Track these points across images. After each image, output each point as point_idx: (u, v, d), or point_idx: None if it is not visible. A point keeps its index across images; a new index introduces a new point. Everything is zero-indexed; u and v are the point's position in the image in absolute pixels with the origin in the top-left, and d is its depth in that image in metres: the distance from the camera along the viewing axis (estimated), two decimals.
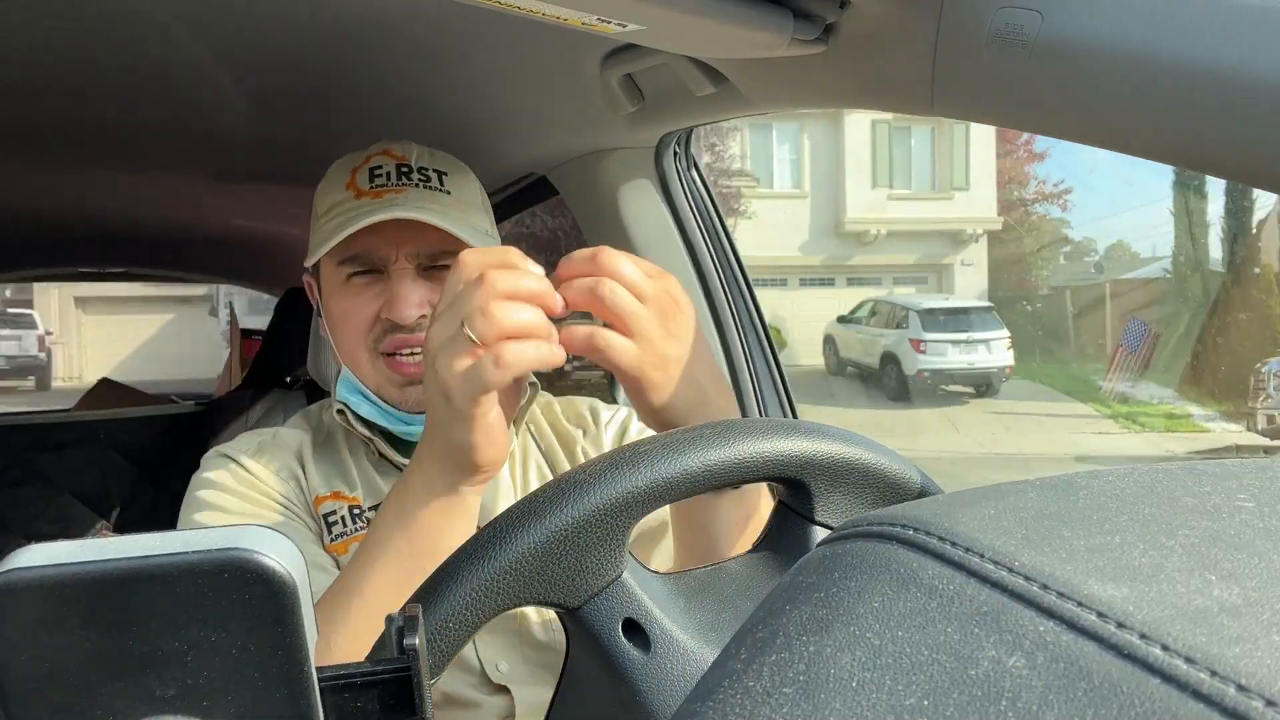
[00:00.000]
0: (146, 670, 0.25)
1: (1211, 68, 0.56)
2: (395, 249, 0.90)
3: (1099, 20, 0.61)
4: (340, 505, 0.91)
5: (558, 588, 0.47)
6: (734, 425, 0.51)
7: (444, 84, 1.28)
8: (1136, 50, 0.59)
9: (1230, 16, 0.56)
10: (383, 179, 0.93)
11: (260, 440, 0.96)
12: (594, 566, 0.47)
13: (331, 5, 1.01)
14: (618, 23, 0.75)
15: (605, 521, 0.47)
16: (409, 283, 0.90)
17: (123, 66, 1.17)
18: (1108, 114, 0.63)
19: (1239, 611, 0.19)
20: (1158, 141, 0.62)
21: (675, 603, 0.50)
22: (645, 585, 0.49)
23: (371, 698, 0.34)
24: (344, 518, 0.91)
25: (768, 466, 0.51)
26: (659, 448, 0.49)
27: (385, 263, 0.91)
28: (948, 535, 0.25)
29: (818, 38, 0.79)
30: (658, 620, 0.48)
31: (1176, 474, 0.27)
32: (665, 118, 1.18)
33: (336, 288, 0.93)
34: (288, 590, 0.26)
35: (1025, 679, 0.19)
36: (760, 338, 1.41)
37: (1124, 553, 0.22)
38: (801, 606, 0.26)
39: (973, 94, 0.71)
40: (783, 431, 0.52)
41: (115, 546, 0.25)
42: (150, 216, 2.21)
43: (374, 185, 0.92)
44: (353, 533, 0.90)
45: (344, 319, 0.92)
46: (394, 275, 0.91)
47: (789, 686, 0.23)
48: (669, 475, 0.48)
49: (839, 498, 0.53)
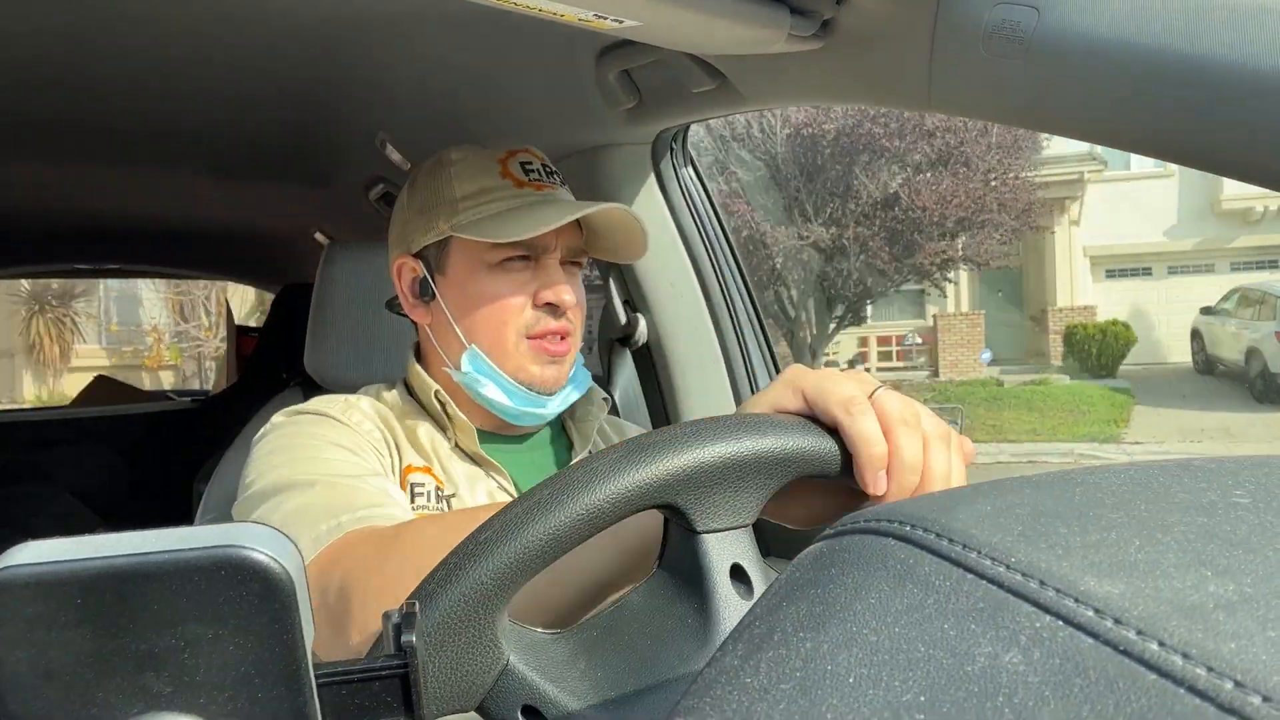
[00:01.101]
0: (143, 667, 0.25)
1: (1207, 65, 0.56)
2: (556, 239, 0.95)
3: (1095, 17, 0.61)
4: (428, 480, 0.94)
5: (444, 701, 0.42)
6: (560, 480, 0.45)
7: (440, 80, 1.28)
8: (1132, 47, 0.59)
9: (1224, 14, 0.56)
10: (536, 174, 0.98)
11: (347, 400, 0.97)
12: (474, 667, 0.42)
13: (330, 4, 1.01)
14: (614, 18, 0.75)
15: (467, 621, 0.41)
16: (561, 270, 0.96)
17: (118, 63, 1.16)
18: (1104, 111, 0.63)
19: (1234, 607, 0.19)
20: (1155, 138, 0.62)
21: (575, 667, 0.46)
22: (537, 661, 0.44)
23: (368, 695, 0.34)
24: (430, 492, 0.93)
25: (617, 510, 0.45)
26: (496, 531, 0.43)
27: (543, 251, 0.95)
28: (945, 531, 0.25)
29: (814, 34, 0.79)
30: (555, 701, 0.44)
31: (1172, 470, 0.27)
32: (662, 114, 1.18)
33: (484, 270, 0.95)
34: (284, 588, 0.26)
35: (1022, 675, 0.19)
36: (757, 333, 1.41)
37: (1120, 549, 0.22)
38: (798, 603, 0.26)
39: (970, 90, 0.71)
40: (620, 466, 0.46)
41: (112, 544, 0.25)
42: (146, 213, 2.20)
43: (531, 178, 0.97)
44: (432, 509, 0.92)
45: (496, 302, 0.95)
46: (548, 264, 0.95)
47: (786, 683, 0.23)
48: (515, 554, 0.42)
49: (722, 498, 0.48)
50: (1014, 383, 12.69)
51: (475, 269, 0.96)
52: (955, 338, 13.81)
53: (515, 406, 0.96)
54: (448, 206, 0.96)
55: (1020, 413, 11.22)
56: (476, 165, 0.98)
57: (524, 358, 0.95)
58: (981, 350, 13.65)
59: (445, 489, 0.94)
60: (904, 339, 14.76)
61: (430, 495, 0.92)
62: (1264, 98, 0.54)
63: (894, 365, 14.64)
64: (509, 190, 0.95)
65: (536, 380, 0.95)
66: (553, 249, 0.95)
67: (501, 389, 0.95)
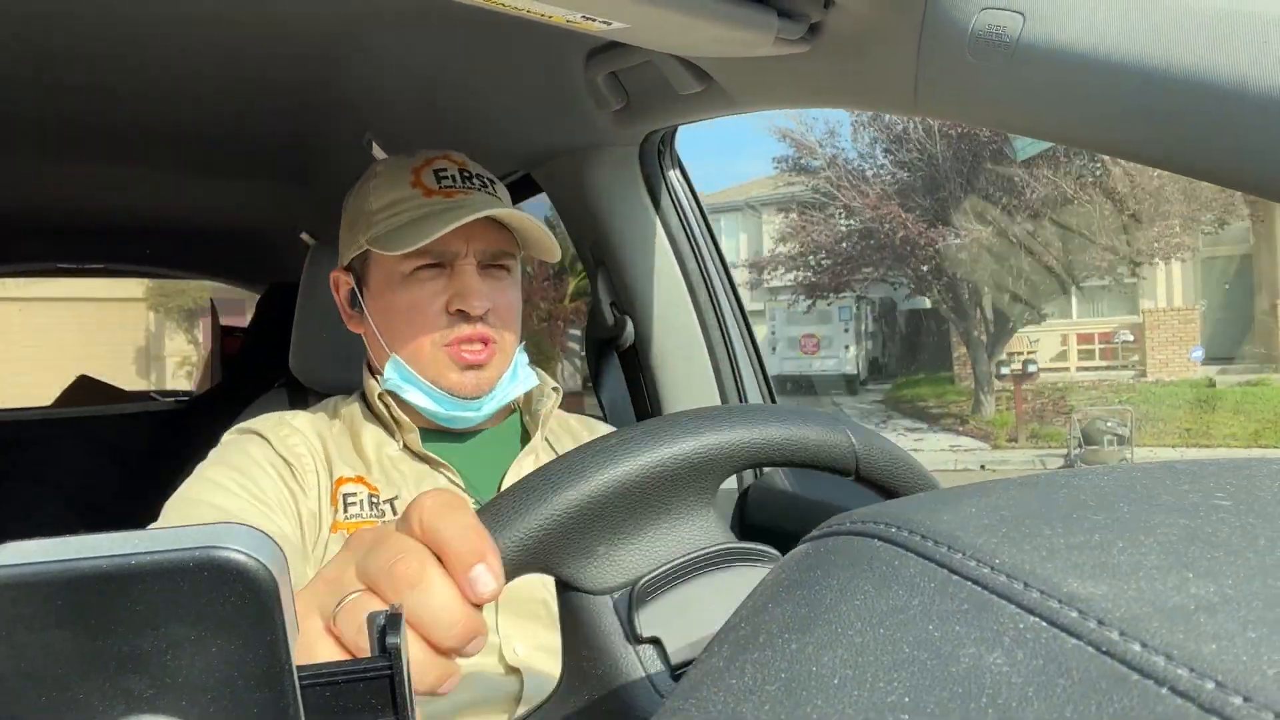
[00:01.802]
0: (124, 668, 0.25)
1: (1192, 70, 0.57)
2: (466, 244, 0.96)
3: (1080, 23, 0.61)
4: (360, 489, 0.95)
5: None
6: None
7: (427, 80, 1.27)
8: (1117, 53, 0.59)
9: (1210, 20, 0.56)
10: (450, 180, 0.99)
11: (282, 418, 1.00)
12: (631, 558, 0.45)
13: (317, 4, 1.00)
14: (602, 20, 0.75)
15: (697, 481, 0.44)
16: (475, 276, 0.96)
17: (100, 60, 1.15)
18: (1089, 116, 0.63)
19: (1216, 608, 0.19)
20: (1140, 144, 0.62)
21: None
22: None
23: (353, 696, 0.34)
24: (362, 501, 0.94)
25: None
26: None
27: (454, 258, 0.96)
28: (930, 533, 0.25)
29: (802, 37, 0.79)
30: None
31: (1155, 473, 0.27)
32: (650, 116, 1.18)
33: (399, 280, 0.97)
34: (268, 589, 0.25)
35: (1006, 675, 0.19)
36: (744, 335, 1.42)
37: (1103, 550, 0.22)
38: (784, 604, 0.26)
39: (956, 94, 0.72)
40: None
41: (93, 544, 0.25)
42: (130, 211, 2.19)
43: (442, 185, 0.98)
44: (366, 517, 0.93)
45: (411, 309, 0.97)
46: (461, 270, 0.96)
47: (771, 684, 0.23)
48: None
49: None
50: (1230, 383, 11.60)
51: (391, 280, 0.98)
52: (1166, 335, 12.75)
53: (444, 411, 0.98)
54: (365, 220, 0.99)
55: (1226, 416, 10.50)
56: (392, 177, 1.00)
57: (441, 365, 0.96)
58: (1193, 348, 12.61)
59: (381, 495, 0.95)
60: (1112, 336, 13.73)
61: (363, 504, 0.94)
62: (1248, 104, 0.55)
63: (1096, 364, 13.75)
64: (417, 200, 0.97)
65: (456, 387, 0.96)
66: (464, 255, 0.96)
67: (426, 395, 0.97)
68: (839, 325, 16.77)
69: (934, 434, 12.54)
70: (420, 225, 0.94)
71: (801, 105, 1.01)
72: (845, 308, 16.58)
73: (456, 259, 0.96)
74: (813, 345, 16.95)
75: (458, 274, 0.96)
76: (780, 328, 17.47)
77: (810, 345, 16.97)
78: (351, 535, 0.44)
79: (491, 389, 0.98)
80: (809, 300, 15.80)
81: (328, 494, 0.94)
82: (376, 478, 0.97)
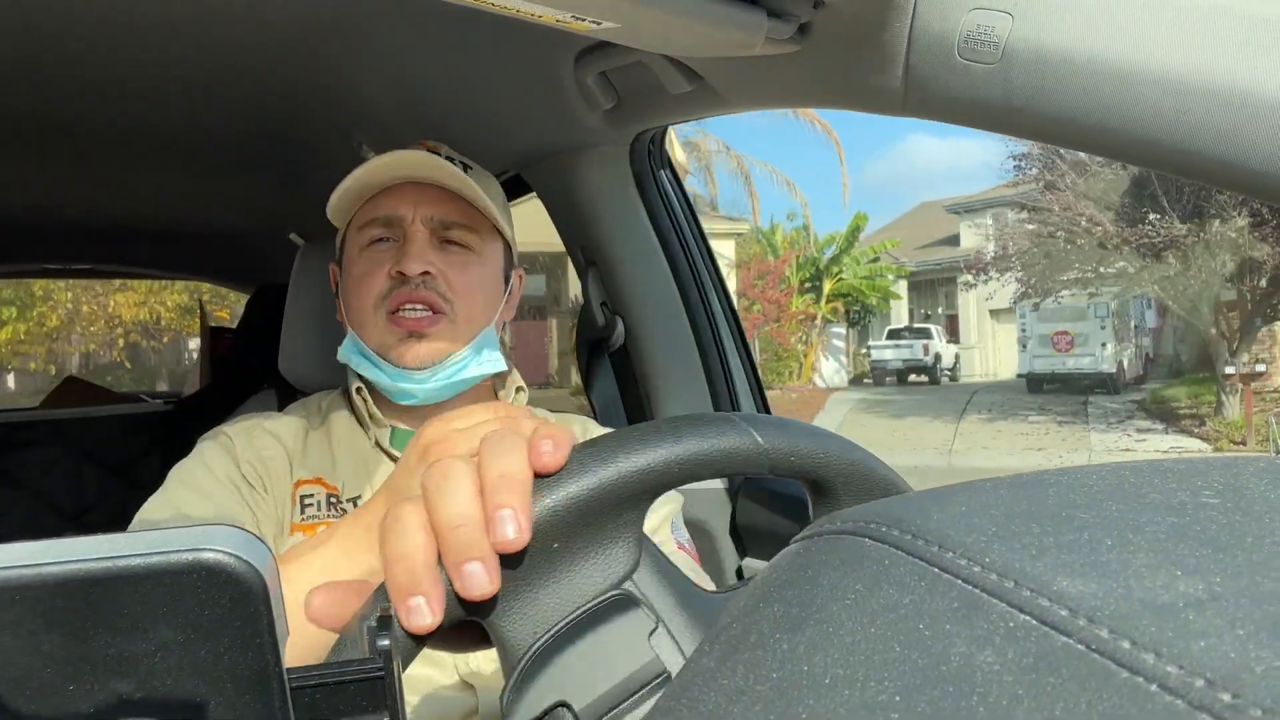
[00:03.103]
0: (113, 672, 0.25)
1: (1181, 71, 0.57)
2: (413, 209, 0.96)
3: (1069, 23, 0.61)
4: (318, 490, 0.95)
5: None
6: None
7: (417, 80, 1.27)
8: (1106, 53, 0.60)
9: (1199, 20, 0.56)
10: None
11: (251, 422, 1.00)
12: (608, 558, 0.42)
13: (305, 4, 1.00)
14: (592, 20, 0.75)
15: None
16: (422, 242, 0.96)
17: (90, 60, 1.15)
18: (1078, 116, 0.63)
19: (1204, 606, 0.19)
20: (1129, 145, 0.63)
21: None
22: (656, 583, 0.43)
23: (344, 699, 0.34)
24: (319, 502, 0.94)
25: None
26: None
27: (402, 223, 0.97)
28: (920, 532, 0.25)
29: (791, 37, 0.79)
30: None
31: (1144, 471, 0.27)
32: (640, 116, 1.18)
33: (357, 253, 0.99)
34: (257, 591, 0.25)
35: (996, 674, 0.20)
36: (734, 334, 1.42)
37: (1093, 549, 0.22)
38: (775, 604, 0.26)
39: (945, 95, 0.72)
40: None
41: (81, 547, 0.25)
42: (118, 213, 2.18)
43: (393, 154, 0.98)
44: (324, 517, 0.93)
45: (359, 279, 0.97)
46: (411, 236, 0.96)
47: (762, 684, 0.23)
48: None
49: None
50: None
51: (353, 255, 0.99)
52: None
53: (390, 383, 0.97)
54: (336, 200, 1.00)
55: None
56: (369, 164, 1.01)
57: (382, 331, 0.96)
58: None
59: (344, 493, 0.95)
60: None
61: (320, 505, 0.94)
62: (1238, 103, 0.55)
63: None
64: (365, 168, 0.97)
65: (398, 357, 0.95)
66: (411, 220, 0.97)
67: (372, 365, 0.97)
68: (1094, 322, 16.32)
69: (1164, 436, 12.42)
70: (358, 178, 0.95)
71: (791, 105, 1.01)
72: (1101, 304, 16.12)
73: (405, 224, 0.96)
74: (1066, 342, 16.58)
75: (406, 241, 0.96)
76: (1031, 324, 17.16)
77: (1063, 342, 16.60)
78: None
79: (437, 361, 0.96)
80: (1056, 295, 15.32)
81: (288, 496, 0.95)
82: (342, 476, 0.97)
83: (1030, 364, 17.34)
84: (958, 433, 14.10)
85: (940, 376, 21.00)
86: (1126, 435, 12.95)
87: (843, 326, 21.61)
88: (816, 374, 20.19)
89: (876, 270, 20.73)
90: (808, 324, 19.52)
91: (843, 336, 21.79)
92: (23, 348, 15.53)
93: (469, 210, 0.99)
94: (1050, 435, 13.51)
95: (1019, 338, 17.88)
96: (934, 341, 20.72)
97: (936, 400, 17.21)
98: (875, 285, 20.59)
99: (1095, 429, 13.75)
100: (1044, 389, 16.92)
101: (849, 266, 20.05)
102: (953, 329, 23.52)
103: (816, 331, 19.94)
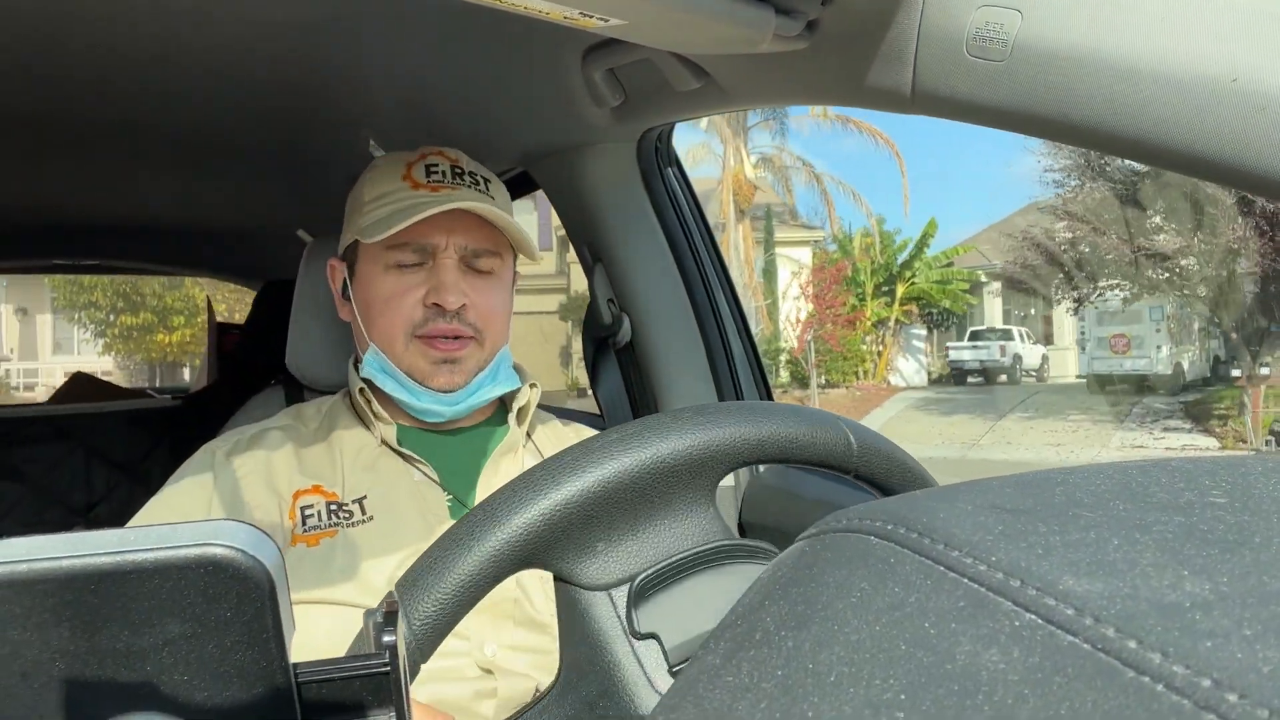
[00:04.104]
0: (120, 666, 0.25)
1: (1189, 68, 0.57)
2: (446, 238, 0.98)
3: (1077, 20, 0.61)
4: (318, 500, 0.94)
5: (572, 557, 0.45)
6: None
7: (425, 78, 1.27)
8: (1114, 50, 0.59)
9: (1207, 17, 0.56)
10: (439, 176, 1.01)
11: (238, 439, 0.99)
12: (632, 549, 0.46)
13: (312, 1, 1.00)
14: (600, 17, 0.75)
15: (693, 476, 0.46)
16: (455, 272, 0.98)
17: (97, 57, 1.15)
18: (1087, 114, 0.63)
19: (1211, 606, 0.19)
20: (1137, 143, 0.62)
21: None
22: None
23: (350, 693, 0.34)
24: (319, 511, 0.94)
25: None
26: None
27: (434, 251, 0.99)
28: (926, 530, 0.25)
29: (800, 34, 0.79)
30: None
31: (1150, 470, 0.27)
32: (648, 113, 1.18)
33: (379, 272, 1.00)
34: (265, 586, 0.25)
35: (1002, 673, 0.20)
36: (740, 329, 1.42)
37: (1099, 548, 0.22)
38: (780, 602, 0.26)
39: (953, 92, 0.71)
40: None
41: (89, 542, 0.25)
42: (127, 209, 2.18)
43: (431, 180, 1.00)
44: (326, 527, 0.93)
45: (388, 302, 0.99)
46: (441, 264, 0.99)
47: (768, 682, 0.23)
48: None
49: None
50: None
51: (375, 271, 1.00)
52: None
53: (417, 403, 0.99)
54: (357, 211, 1.02)
55: None
56: (385, 170, 1.03)
57: (415, 357, 0.99)
58: None
59: (346, 497, 0.95)
60: None
61: (321, 514, 0.94)
62: (1246, 101, 0.55)
63: None
64: (404, 193, 0.99)
65: (428, 379, 0.99)
66: (444, 248, 0.99)
67: (400, 386, 0.99)
68: (1150, 325, 16.83)
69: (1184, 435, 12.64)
70: (400, 215, 0.96)
71: (799, 103, 1.01)
72: (1157, 307, 16.57)
73: (437, 252, 0.98)
74: (1123, 345, 17.10)
75: (437, 268, 0.98)
76: (1090, 327, 17.73)
77: (1120, 344, 17.12)
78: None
79: (465, 384, 0.99)
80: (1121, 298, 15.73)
81: (287, 508, 0.94)
82: (344, 478, 0.97)
83: (1089, 365, 17.67)
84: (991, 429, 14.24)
85: (1020, 377, 20.97)
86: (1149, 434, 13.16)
87: (922, 328, 21.71)
88: (895, 373, 20.46)
89: (949, 274, 20.76)
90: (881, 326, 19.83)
91: (923, 338, 21.89)
92: (190, 347, 20.53)
93: (495, 235, 1.01)
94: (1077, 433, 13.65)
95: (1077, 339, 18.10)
96: (1014, 343, 20.78)
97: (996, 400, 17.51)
98: (946, 290, 20.63)
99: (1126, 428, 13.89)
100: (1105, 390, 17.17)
101: (921, 271, 20.17)
102: (1047, 330, 23.51)
103: (890, 333, 20.17)
